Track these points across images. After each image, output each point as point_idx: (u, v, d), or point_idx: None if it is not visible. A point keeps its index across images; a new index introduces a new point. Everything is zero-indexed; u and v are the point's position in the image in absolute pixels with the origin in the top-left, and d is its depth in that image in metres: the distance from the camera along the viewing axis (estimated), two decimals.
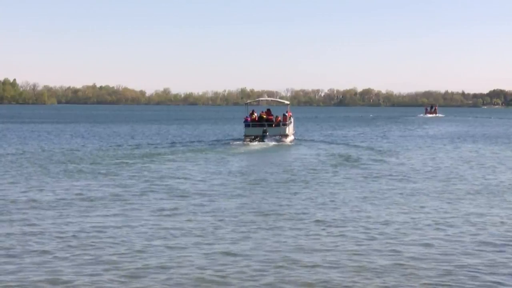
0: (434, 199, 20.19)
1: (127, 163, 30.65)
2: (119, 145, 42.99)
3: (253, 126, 44.87)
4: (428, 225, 16.02)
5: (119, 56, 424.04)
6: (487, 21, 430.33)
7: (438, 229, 15.53)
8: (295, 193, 21.11)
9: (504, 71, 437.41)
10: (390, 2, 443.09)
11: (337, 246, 13.81)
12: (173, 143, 46.02)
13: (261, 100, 62.55)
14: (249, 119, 45.66)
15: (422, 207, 18.69)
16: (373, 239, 14.50)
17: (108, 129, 68.71)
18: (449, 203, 19.37)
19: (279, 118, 46.42)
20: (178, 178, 24.88)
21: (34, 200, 19.38)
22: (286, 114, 47.50)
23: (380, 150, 40.12)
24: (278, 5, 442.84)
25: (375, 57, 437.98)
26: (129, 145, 43.04)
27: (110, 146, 42.02)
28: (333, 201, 19.64)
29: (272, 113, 46.61)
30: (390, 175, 26.51)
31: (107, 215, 16.90)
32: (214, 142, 47.40)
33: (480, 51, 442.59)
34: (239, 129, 63.72)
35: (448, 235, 14.90)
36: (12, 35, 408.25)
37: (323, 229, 15.47)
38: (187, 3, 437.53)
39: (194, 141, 48.84)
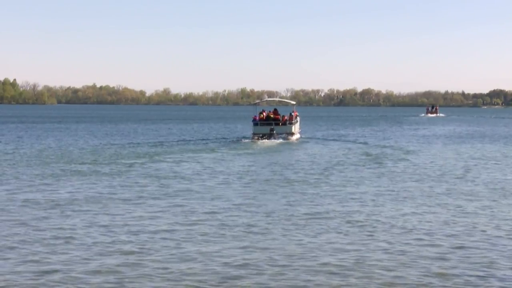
0: (459, 199, 20.04)
1: (139, 162, 30.79)
2: (129, 144, 43.11)
3: (261, 124, 46.47)
4: (465, 226, 15.82)
5: (119, 56, 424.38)
6: (487, 21, 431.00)
7: (476, 231, 15.26)
8: (310, 191, 21.25)
9: (504, 71, 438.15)
10: (390, 2, 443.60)
11: (366, 245, 13.94)
12: (183, 142, 46.79)
13: (269, 100, 64.88)
14: (257, 118, 46.92)
15: (448, 205, 18.70)
16: (402, 237, 14.60)
17: (115, 128, 68.80)
18: (484, 205, 18.88)
19: (286, 117, 47.89)
20: (192, 176, 25.01)
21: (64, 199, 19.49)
22: (293, 114, 49.11)
23: (390, 148, 40.32)
24: (278, 5, 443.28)
25: (375, 57, 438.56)
26: (142, 144, 43.19)
27: (120, 145, 42.12)
28: (350, 199, 19.74)
29: (279, 112, 48.10)
30: (404, 173, 26.70)
31: (121, 214, 16.88)
32: (223, 140, 48.29)
33: (480, 51, 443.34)
34: (244, 128, 64.43)
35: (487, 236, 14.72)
36: (12, 35, 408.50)
37: (346, 226, 15.61)
38: (187, 3, 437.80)
39: (204, 139, 49.79)
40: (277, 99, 67.70)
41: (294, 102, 56.15)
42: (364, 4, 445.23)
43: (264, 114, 47.32)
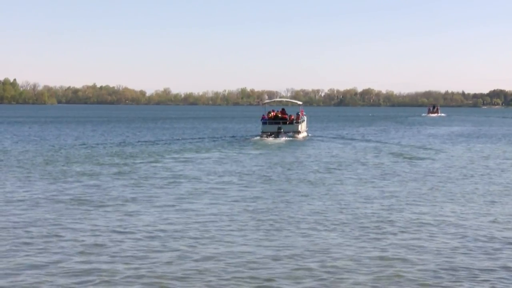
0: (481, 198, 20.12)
1: (156, 161, 31.09)
2: (143, 142, 43.44)
3: (270, 123, 48.55)
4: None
5: (119, 56, 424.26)
6: (487, 21, 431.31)
7: None
8: (335, 190, 21.46)
9: (504, 71, 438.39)
10: (390, 2, 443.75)
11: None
12: (195, 140, 48.23)
13: (276, 100, 68.34)
14: (266, 117, 48.83)
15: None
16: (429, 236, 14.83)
17: (123, 127, 69.05)
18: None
19: (293, 117, 49.79)
20: (207, 175, 25.21)
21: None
22: (299, 113, 51.09)
23: (398, 146, 40.56)
24: (278, 5, 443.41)
25: (375, 57, 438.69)
26: (159, 141, 43.63)
27: (133, 144, 42.43)
28: (374, 198, 19.91)
29: (286, 112, 50.09)
30: (424, 171, 26.88)
31: (134, 214, 16.89)
32: (233, 139, 49.94)
33: (480, 51, 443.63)
34: (250, 127, 65.14)
35: None
36: (12, 35, 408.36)
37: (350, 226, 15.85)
38: (187, 3, 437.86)
39: (215, 137, 51.49)
40: (284, 99, 71.19)
41: (300, 102, 58.53)
42: (364, 4, 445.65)
43: (273, 113, 49.13)
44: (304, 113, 52.87)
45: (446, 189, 21.46)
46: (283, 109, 50.36)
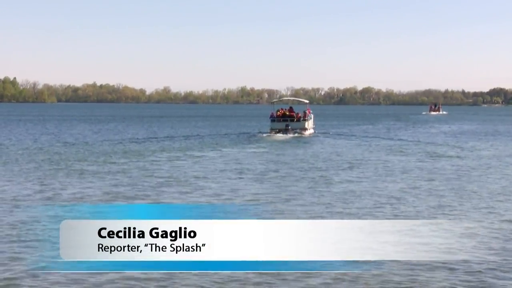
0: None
1: (170, 157, 31.18)
2: (158, 139, 43.65)
3: (278, 121, 51.42)
4: None
5: (119, 54, 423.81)
6: (486, 20, 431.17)
7: None
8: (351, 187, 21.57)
9: (504, 69, 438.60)
10: (390, 1, 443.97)
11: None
12: (208, 136, 50.51)
13: (284, 99, 72.80)
14: (274, 115, 51.71)
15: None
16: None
17: (130, 126, 69.24)
18: None
19: (300, 115, 52.54)
20: (219, 171, 25.31)
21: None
22: (306, 111, 53.97)
23: (405, 142, 40.74)
24: (278, 4, 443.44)
25: (375, 56, 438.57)
26: (176, 138, 43.71)
27: (133, 141, 42.58)
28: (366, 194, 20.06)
29: (294, 110, 52.86)
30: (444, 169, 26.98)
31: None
32: (244, 135, 52.86)
33: (480, 50, 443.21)
34: (257, 124, 66.00)
35: None
36: (12, 34, 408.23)
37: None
38: (187, 1, 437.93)
39: (227, 134, 54.21)
40: (292, 98, 75.14)
41: (307, 101, 60.92)
42: (364, 3, 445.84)
43: (281, 111, 51.59)
44: (310, 111, 55.12)
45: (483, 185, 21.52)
46: (290, 108, 52.78)
